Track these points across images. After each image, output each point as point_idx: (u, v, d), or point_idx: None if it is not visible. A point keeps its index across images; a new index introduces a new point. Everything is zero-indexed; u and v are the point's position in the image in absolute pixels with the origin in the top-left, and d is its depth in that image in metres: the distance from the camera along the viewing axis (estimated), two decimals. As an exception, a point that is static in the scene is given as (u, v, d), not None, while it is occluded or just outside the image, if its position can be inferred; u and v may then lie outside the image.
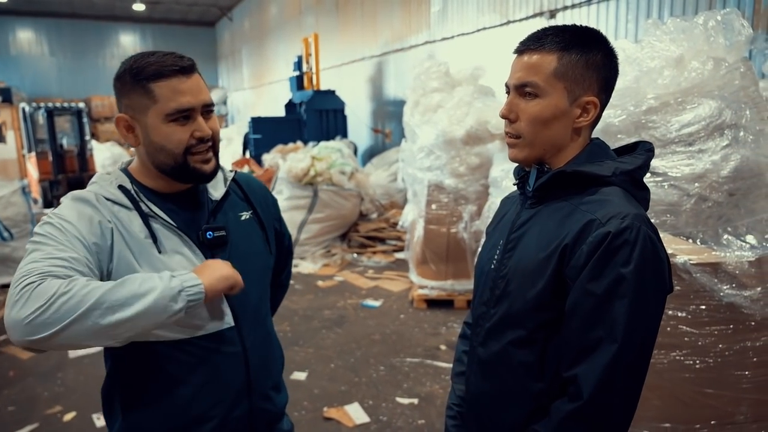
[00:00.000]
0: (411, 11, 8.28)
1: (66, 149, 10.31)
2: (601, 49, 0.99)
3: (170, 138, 1.08)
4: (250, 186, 1.32)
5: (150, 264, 1.08)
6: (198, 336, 1.13)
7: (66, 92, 16.90)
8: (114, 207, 1.09)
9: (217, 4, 17.29)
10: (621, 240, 0.88)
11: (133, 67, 1.07)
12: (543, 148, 1.01)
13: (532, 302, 0.98)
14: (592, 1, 5.29)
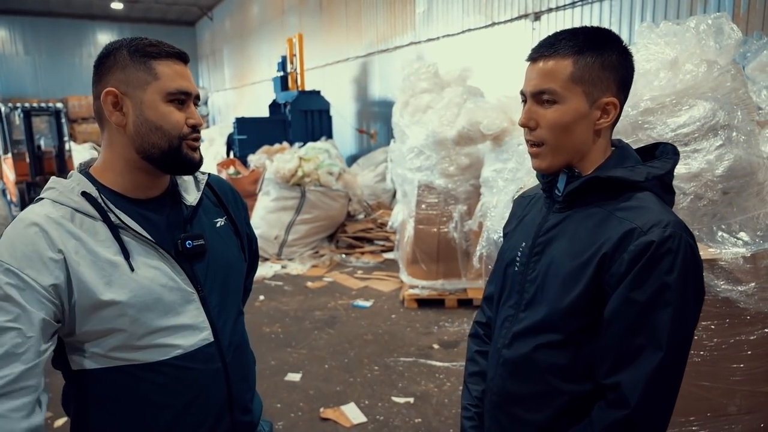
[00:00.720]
0: (396, 12, 8.31)
1: (44, 150, 10.09)
2: (615, 49, 0.98)
3: (168, 118, 1.02)
4: (223, 191, 1.25)
5: (121, 285, 0.98)
6: (175, 356, 1.04)
7: (42, 92, 16.54)
8: (73, 221, 0.98)
9: (197, 4, 17.11)
10: (665, 249, 0.89)
11: (131, 44, 1.02)
12: (567, 153, 1.00)
13: (567, 308, 0.98)
14: (576, 4, 5.38)
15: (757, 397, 1.82)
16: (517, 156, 2.49)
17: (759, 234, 1.79)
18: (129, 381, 1.02)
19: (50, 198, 1.00)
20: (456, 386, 3.26)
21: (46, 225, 0.95)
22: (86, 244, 0.97)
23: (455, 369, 3.47)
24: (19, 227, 0.96)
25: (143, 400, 1.04)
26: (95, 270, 0.97)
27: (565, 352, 1.00)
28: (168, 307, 1.04)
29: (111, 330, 0.99)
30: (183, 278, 1.06)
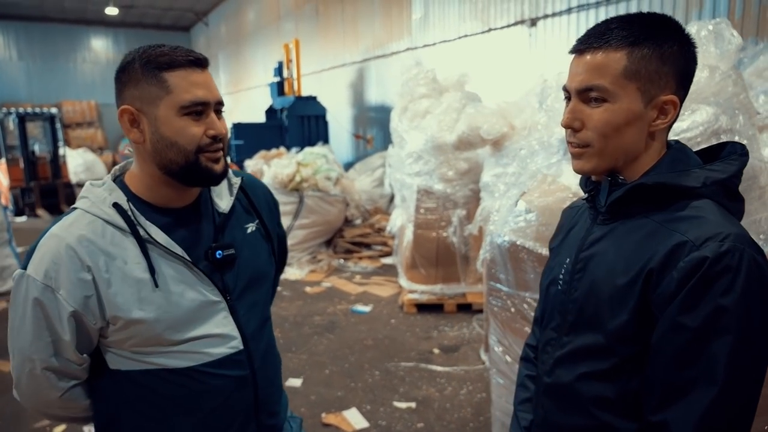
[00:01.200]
0: (392, 18, 8.35)
1: (38, 156, 10.06)
2: (676, 38, 0.85)
3: (183, 132, 0.98)
4: (254, 191, 1.24)
5: (148, 301, 1.00)
6: (204, 363, 1.06)
7: (36, 97, 16.45)
8: (104, 236, 1.00)
9: (193, 9, 17.11)
10: (721, 266, 0.76)
11: (143, 56, 0.98)
12: (614, 157, 0.88)
13: (614, 333, 0.86)
14: (573, 10, 5.43)
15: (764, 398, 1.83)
16: (519, 160, 2.50)
17: (762, 237, 1.80)
18: (159, 384, 1.05)
19: (83, 208, 1.02)
20: (457, 391, 3.25)
21: (76, 245, 0.97)
22: (116, 261, 0.99)
23: (456, 374, 3.47)
24: (51, 245, 0.98)
25: (172, 402, 1.06)
26: (125, 287, 0.99)
27: (612, 384, 0.88)
28: (196, 319, 1.05)
29: (141, 340, 1.02)
30: (211, 289, 1.07)
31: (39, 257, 0.98)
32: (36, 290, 0.97)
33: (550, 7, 5.65)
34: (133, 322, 1.00)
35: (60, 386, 1.05)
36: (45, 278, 0.97)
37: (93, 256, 0.98)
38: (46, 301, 0.97)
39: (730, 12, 4.17)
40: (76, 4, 15.75)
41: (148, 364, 1.04)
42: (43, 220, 9.27)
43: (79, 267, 0.97)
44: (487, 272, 2.52)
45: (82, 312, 0.98)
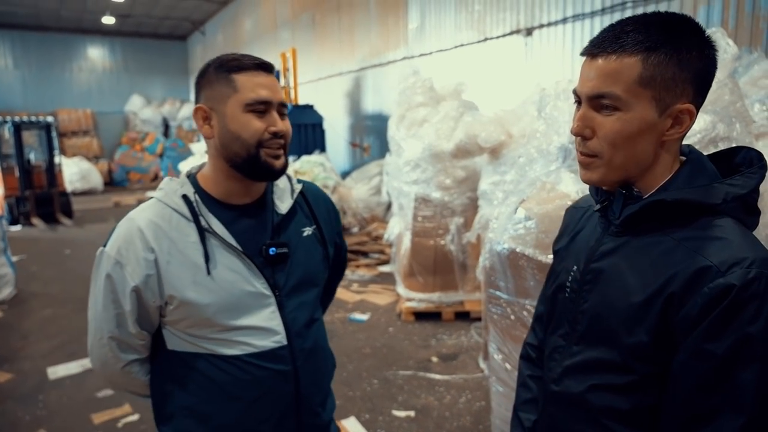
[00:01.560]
0: (389, 27, 8.41)
1: (33, 164, 10.01)
2: (695, 43, 0.79)
3: (247, 127, 1.08)
4: (316, 199, 1.31)
5: (202, 285, 1.10)
6: (248, 353, 1.14)
7: (31, 106, 16.42)
8: (171, 222, 1.12)
9: (189, 18, 17.18)
10: (748, 294, 0.73)
11: (216, 61, 1.12)
12: (624, 168, 0.84)
13: (631, 352, 0.83)
14: (568, 20, 5.49)
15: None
16: (517, 168, 2.52)
17: (760, 244, 1.82)
18: (207, 368, 1.15)
19: (157, 197, 1.15)
20: (456, 399, 3.24)
21: (145, 228, 1.11)
22: (177, 245, 1.11)
23: (455, 382, 3.46)
24: (125, 226, 1.13)
25: (217, 388, 1.15)
26: (182, 269, 1.10)
27: (626, 398, 0.85)
28: (245, 309, 1.14)
29: (194, 322, 1.13)
30: (262, 283, 1.15)
31: (115, 236, 1.12)
32: (109, 265, 1.11)
33: (545, 16, 5.71)
34: (186, 302, 1.10)
35: (122, 357, 1.18)
36: (117, 254, 1.10)
37: (158, 240, 1.10)
38: (115, 275, 1.10)
39: (724, 22, 4.22)
40: (73, 14, 15.78)
41: (199, 348, 1.14)
42: (38, 229, 9.22)
43: (145, 247, 1.09)
44: (486, 280, 2.52)
45: (143, 288, 1.10)
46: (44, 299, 5.40)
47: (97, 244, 1.19)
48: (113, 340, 1.15)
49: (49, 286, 5.81)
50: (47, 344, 4.26)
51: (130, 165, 16.96)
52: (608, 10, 5.08)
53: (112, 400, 3.33)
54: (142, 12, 16.08)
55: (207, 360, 1.14)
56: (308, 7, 10.87)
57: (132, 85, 18.55)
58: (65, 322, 4.73)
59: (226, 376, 1.14)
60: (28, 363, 3.92)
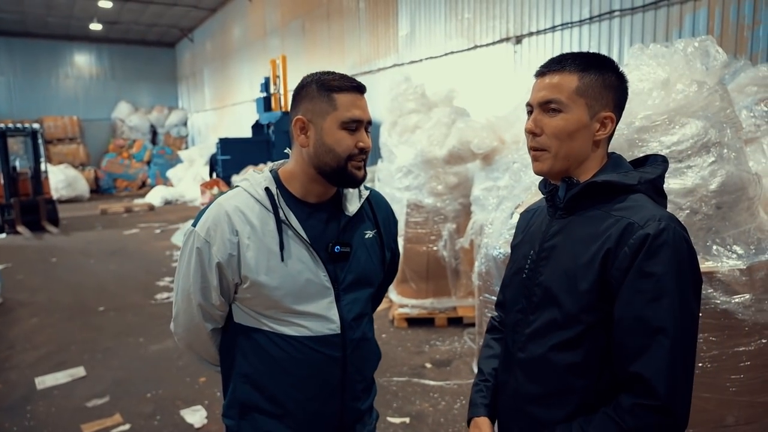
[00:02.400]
0: (379, 35, 8.45)
1: (19, 172, 9.88)
2: (614, 71, 1.09)
3: (341, 142, 1.21)
4: (378, 206, 1.42)
5: (273, 270, 1.23)
6: (305, 336, 1.27)
7: (17, 113, 16.22)
8: (253, 210, 1.24)
9: (178, 25, 17.13)
10: (660, 240, 0.96)
11: (320, 80, 1.23)
12: (567, 160, 1.08)
13: (577, 306, 1.04)
14: (557, 28, 5.56)
15: (755, 407, 1.86)
16: (512, 173, 2.54)
17: (752, 247, 1.85)
18: (268, 344, 1.28)
19: (243, 187, 1.28)
20: (451, 405, 3.24)
21: (232, 213, 1.24)
22: (257, 232, 1.23)
23: (449, 388, 3.46)
24: (214, 210, 1.25)
25: (273, 362, 1.28)
26: (260, 254, 1.23)
27: (578, 350, 1.05)
28: (308, 296, 1.26)
29: (262, 302, 1.26)
30: (324, 275, 1.27)
31: (205, 218, 1.25)
32: (198, 243, 1.24)
33: (534, 25, 5.78)
34: (258, 284, 1.23)
35: (205, 325, 1.32)
36: (206, 234, 1.23)
37: (242, 225, 1.23)
38: (204, 253, 1.24)
39: (709, 31, 4.30)
40: (60, 20, 15.66)
41: (264, 325, 1.28)
42: (23, 237, 9.08)
43: (230, 230, 1.23)
44: (482, 285, 2.53)
45: (225, 266, 1.23)
46: (31, 308, 5.31)
47: (85, 252, 1.21)
48: (200, 308, 1.29)
49: (36, 295, 5.72)
50: (34, 354, 4.18)
51: (117, 172, 16.82)
52: (596, 18, 5.16)
53: (102, 410, 3.28)
54: (130, 19, 16.00)
55: (267, 336, 1.27)
56: (298, 15, 10.89)
57: (119, 92, 18.42)
58: (52, 331, 4.65)
59: (283, 353, 1.27)
60: (15, 373, 3.85)
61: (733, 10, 4.12)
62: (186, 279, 1.29)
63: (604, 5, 5.06)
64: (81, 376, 3.78)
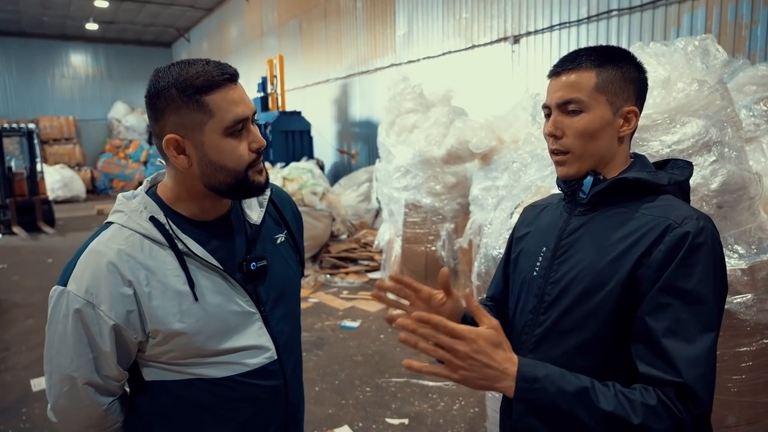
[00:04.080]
0: (376, 34, 8.43)
1: (15, 172, 9.83)
2: (631, 63, 1.05)
3: (231, 155, 0.99)
4: (282, 202, 1.24)
5: (188, 314, 1.01)
6: (241, 373, 1.08)
7: (12, 112, 16.12)
8: (142, 249, 1.01)
9: (174, 25, 17.06)
10: (700, 240, 0.92)
11: (178, 81, 0.96)
12: (593, 159, 1.05)
13: (599, 306, 0.98)
14: (554, 28, 5.55)
15: (756, 408, 1.85)
16: (511, 173, 2.52)
17: (753, 247, 1.84)
18: (195, 393, 1.06)
19: (119, 223, 1.02)
20: (450, 406, 3.22)
21: (116, 260, 0.98)
22: (156, 275, 1.00)
23: (448, 389, 3.44)
24: (91, 260, 0.99)
25: (207, 411, 1.07)
26: (166, 300, 1.00)
27: (594, 354, 1.00)
28: (234, 329, 1.07)
29: (181, 353, 1.04)
30: (246, 300, 1.08)
31: (79, 274, 0.98)
32: (77, 305, 0.97)
33: (532, 24, 5.77)
34: (173, 334, 1.01)
35: (101, 401, 1.06)
36: (86, 294, 0.97)
37: (134, 271, 0.99)
38: (87, 317, 0.98)
39: (707, 30, 4.30)
40: (56, 20, 15.58)
41: (186, 374, 1.05)
42: (19, 238, 9.03)
43: (121, 282, 0.98)
44: (481, 285, 2.51)
45: (123, 326, 0.99)
46: (26, 309, 5.27)
47: None
48: (90, 386, 1.03)
49: (32, 296, 5.68)
50: (30, 355, 4.15)
51: (114, 172, 16.74)
52: (594, 18, 5.15)
53: None
54: (126, 18, 15.93)
55: (193, 385, 1.06)
56: (295, 14, 10.86)
57: (116, 92, 18.34)
58: (48, 333, 4.62)
59: (216, 399, 1.07)
60: (11, 375, 3.82)
61: (731, 9, 4.12)
62: (63, 355, 1.00)
63: (602, 5, 5.06)
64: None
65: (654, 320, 0.91)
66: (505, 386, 0.89)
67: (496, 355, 0.88)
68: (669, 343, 0.89)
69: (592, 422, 0.86)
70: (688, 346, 0.88)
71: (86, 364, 1.00)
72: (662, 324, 0.91)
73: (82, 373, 1.01)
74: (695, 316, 0.90)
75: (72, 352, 1.00)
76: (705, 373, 0.88)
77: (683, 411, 0.86)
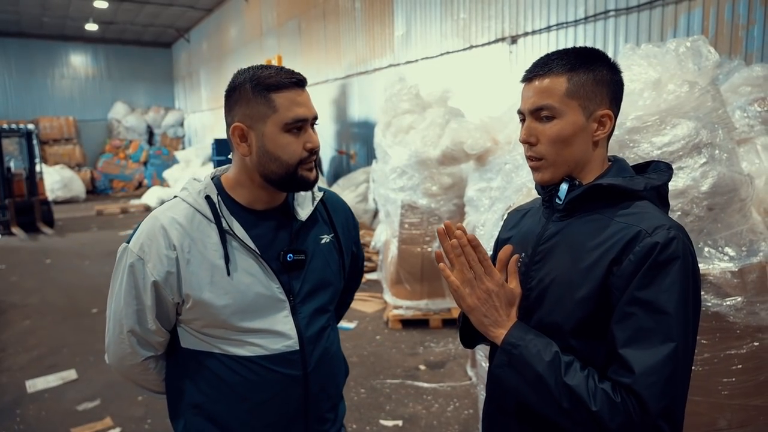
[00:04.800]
0: (375, 35, 8.43)
1: (14, 173, 9.83)
2: (605, 65, 1.03)
3: (286, 149, 1.11)
4: (335, 208, 1.33)
5: (219, 286, 1.12)
6: (260, 356, 1.16)
7: (12, 113, 16.13)
8: (193, 221, 1.13)
9: (174, 26, 17.07)
10: (669, 252, 0.91)
11: (253, 78, 1.10)
12: (567, 165, 1.03)
13: (572, 312, 0.98)
14: (552, 28, 5.54)
15: (748, 410, 1.84)
16: (503, 175, 2.51)
17: (744, 249, 1.83)
18: (219, 367, 1.16)
19: (181, 197, 1.18)
20: (444, 408, 3.22)
21: (168, 226, 1.13)
22: (198, 245, 1.13)
23: (443, 390, 3.44)
24: (149, 224, 1.15)
25: (226, 387, 1.17)
26: (202, 269, 1.12)
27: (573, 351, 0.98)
28: (259, 311, 1.15)
29: (208, 322, 1.14)
30: (278, 287, 1.17)
31: (138, 233, 1.15)
32: (131, 259, 1.13)
33: (530, 25, 5.76)
34: (202, 302, 1.12)
35: (140, 353, 1.19)
36: (140, 251, 1.12)
37: (180, 238, 1.12)
38: (137, 271, 1.12)
39: (704, 31, 4.29)
40: (55, 20, 15.59)
41: (213, 347, 1.16)
42: (18, 238, 9.04)
43: (167, 245, 1.12)
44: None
45: (162, 285, 1.12)
46: (24, 310, 5.27)
47: (79, 254, 1.19)
48: (133, 335, 1.17)
49: (29, 297, 5.68)
50: (26, 356, 4.15)
51: (114, 173, 16.75)
52: (591, 18, 5.15)
53: (92, 413, 3.25)
54: (125, 19, 15.93)
55: (218, 359, 1.16)
56: (294, 15, 10.86)
57: (115, 93, 18.35)
58: (45, 334, 4.62)
59: (236, 377, 1.16)
60: (6, 376, 3.82)
61: (728, 9, 4.11)
62: (117, 302, 1.16)
63: (599, 5, 5.05)
64: (72, 379, 3.75)
65: (619, 329, 0.93)
66: (498, 334, 1.00)
67: (507, 308, 1.00)
68: (628, 351, 0.90)
69: (556, 392, 0.91)
70: (644, 354, 0.89)
71: (132, 314, 1.14)
72: (625, 333, 0.92)
73: (128, 321, 1.15)
74: (656, 326, 0.90)
75: (122, 301, 1.15)
76: (657, 382, 0.87)
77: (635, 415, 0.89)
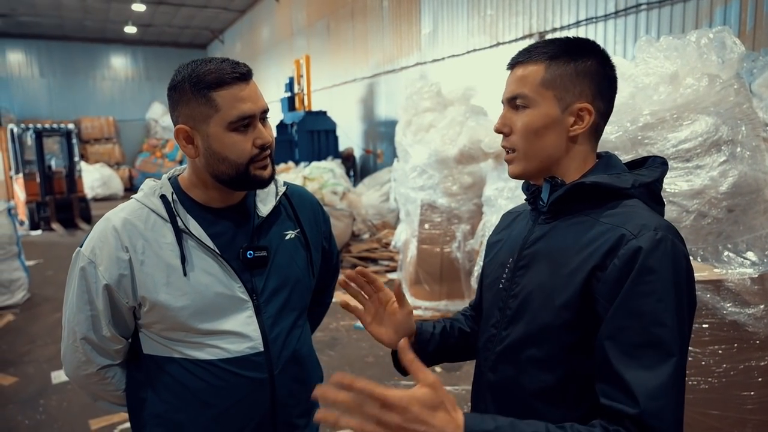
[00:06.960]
0: (402, 34, 8.38)
1: (54, 171, 10.23)
2: (592, 57, 0.95)
3: (234, 149, 1.05)
4: (301, 202, 1.28)
5: (175, 287, 1.08)
6: (222, 359, 1.11)
7: (56, 114, 16.82)
8: (147, 222, 1.10)
9: (209, 27, 17.45)
10: (657, 254, 0.83)
11: (192, 76, 1.04)
12: (539, 159, 0.97)
13: (555, 321, 0.91)
14: (581, 23, 5.38)
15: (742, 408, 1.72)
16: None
17: (767, 254, 1.71)
18: (180, 372, 1.12)
19: (136, 198, 1.14)
20: (457, 411, 3.15)
21: (120, 227, 1.09)
22: (152, 246, 1.09)
23: (458, 393, 3.37)
24: (101, 226, 1.12)
25: (190, 394, 1.12)
26: (157, 270, 1.08)
27: (553, 373, 0.92)
28: (220, 312, 1.11)
29: (168, 325, 1.10)
30: (239, 287, 1.12)
31: (91, 236, 1.12)
32: (83, 264, 1.09)
33: (558, 20, 5.61)
34: (159, 305, 1.08)
35: (96, 361, 1.15)
36: (91, 254, 1.09)
37: (132, 239, 1.09)
38: (89, 275, 1.09)
39: (742, 23, 4.07)
40: (96, 24, 16.16)
41: (174, 351, 1.12)
42: (57, 234, 9.39)
43: (119, 246, 1.08)
44: (483, 289, 2.44)
45: (115, 288, 1.08)
46: (55, 303, 5.45)
47: None
48: (87, 343, 1.13)
49: (62, 291, 5.81)
50: (53, 348, 4.28)
51: (151, 171, 17.24)
52: (621, 12, 4.97)
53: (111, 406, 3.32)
54: (163, 21, 16.38)
55: (180, 364, 1.12)
56: (323, 14, 10.93)
57: (153, 93, 18.89)
58: (74, 327, 4.76)
59: (199, 382, 1.11)
60: (33, 367, 3.95)
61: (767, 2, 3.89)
62: (71, 308, 1.12)
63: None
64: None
65: (611, 345, 0.84)
66: None
67: (434, 419, 0.74)
68: (627, 371, 0.81)
69: None
70: (647, 375, 0.80)
71: (85, 320, 1.11)
72: (619, 349, 0.83)
73: (80, 328, 1.11)
74: (654, 340, 0.82)
75: (75, 307, 1.11)
76: (666, 405, 0.80)
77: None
